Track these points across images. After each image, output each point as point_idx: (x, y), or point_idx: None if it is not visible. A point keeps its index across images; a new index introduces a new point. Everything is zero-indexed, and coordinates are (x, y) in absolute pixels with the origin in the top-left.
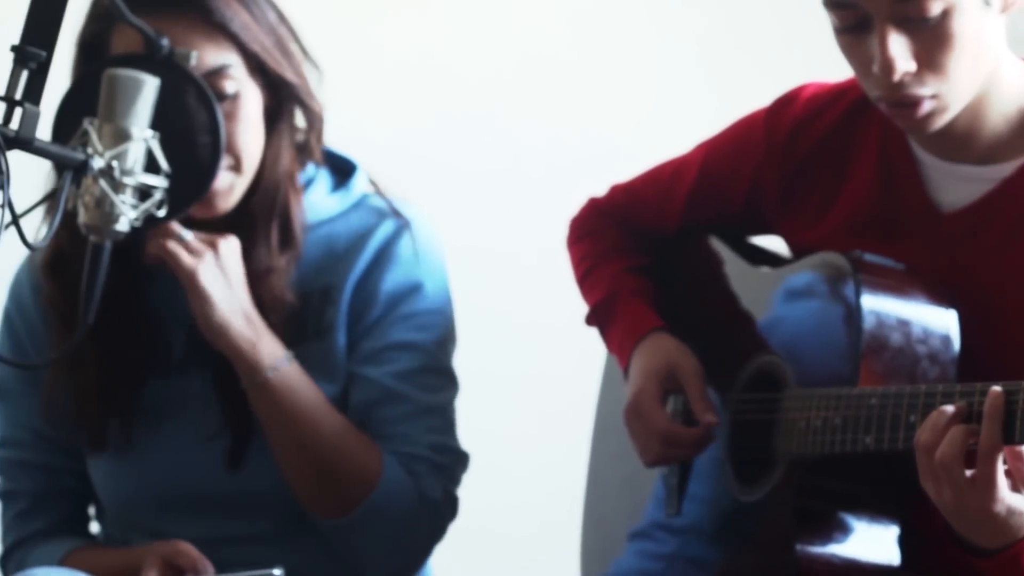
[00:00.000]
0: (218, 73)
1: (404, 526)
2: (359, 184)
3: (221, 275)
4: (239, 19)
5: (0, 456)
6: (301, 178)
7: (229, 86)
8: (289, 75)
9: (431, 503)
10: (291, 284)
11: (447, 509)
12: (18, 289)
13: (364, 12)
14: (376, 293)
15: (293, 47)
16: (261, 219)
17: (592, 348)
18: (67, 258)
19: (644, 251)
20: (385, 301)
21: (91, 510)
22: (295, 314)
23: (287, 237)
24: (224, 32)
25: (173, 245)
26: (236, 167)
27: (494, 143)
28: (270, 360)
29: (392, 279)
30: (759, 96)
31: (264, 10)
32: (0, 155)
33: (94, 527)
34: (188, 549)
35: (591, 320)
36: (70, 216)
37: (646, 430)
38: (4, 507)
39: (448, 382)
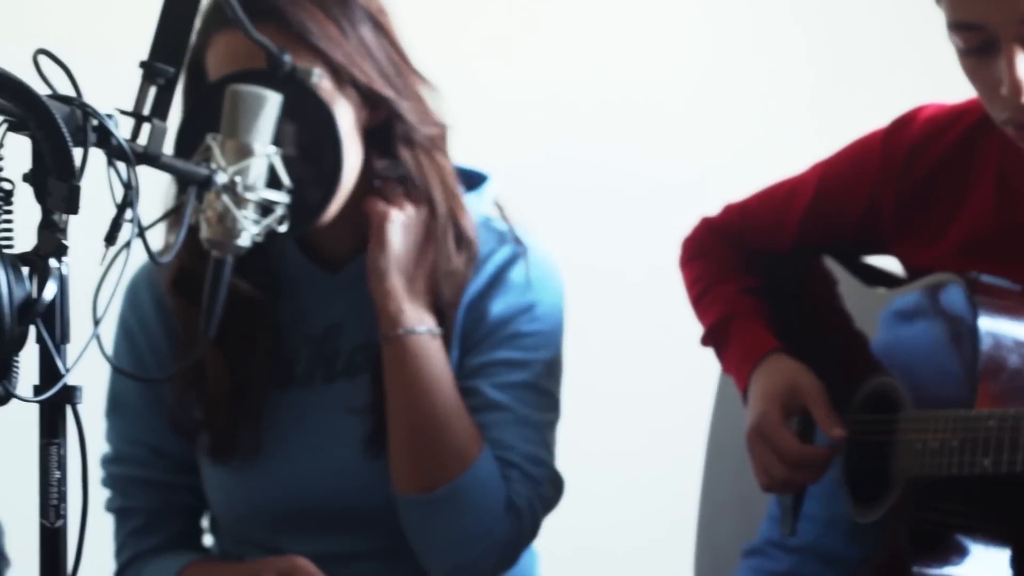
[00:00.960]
0: None
1: (485, 520)
2: (483, 205)
3: (404, 232)
4: (323, 31)
5: (116, 473)
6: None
7: None
8: (385, 90)
9: (516, 509)
10: None
11: (529, 523)
12: (138, 302)
13: (475, 42)
14: (486, 314)
15: (395, 64)
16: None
17: (703, 366)
18: (189, 273)
19: (758, 271)
20: (494, 321)
21: (204, 523)
22: None
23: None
24: (304, 43)
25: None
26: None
27: (604, 162)
28: (411, 322)
29: (503, 301)
30: (870, 116)
31: (356, 24)
32: (130, 171)
33: (207, 540)
34: (305, 565)
35: (707, 341)
36: (191, 231)
37: (772, 453)
38: (119, 524)
39: (550, 403)
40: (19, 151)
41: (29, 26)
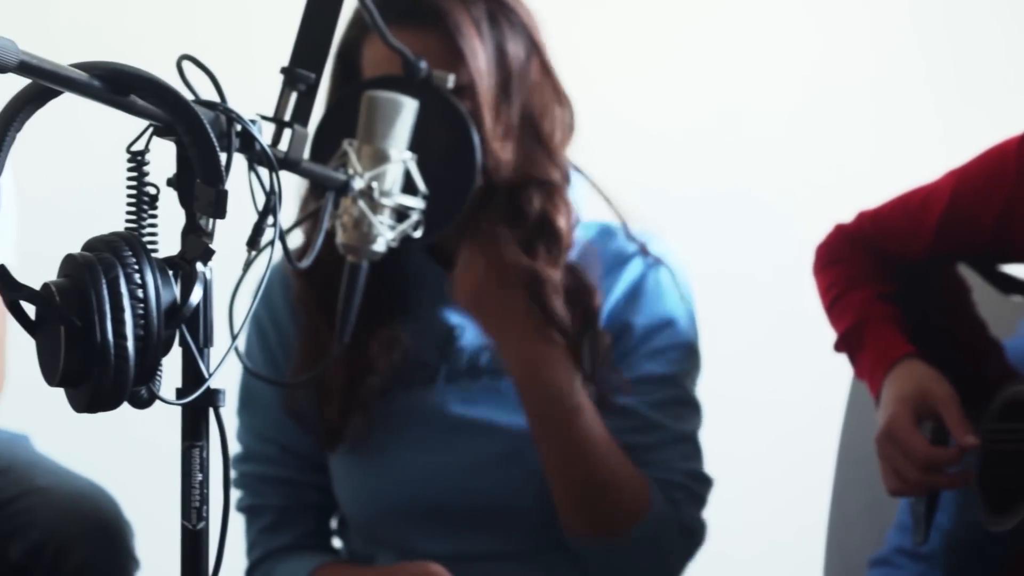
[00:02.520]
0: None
1: (664, 554)
2: (581, 210)
3: None
4: (473, 44)
5: (246, 471)
6: None
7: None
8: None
9: (689, 531)
10: None
11: (700, 536)
12: (271, 300)
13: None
14: (630, 328)
15: (532, 79)
16: None
17: (834, 373)
18: (322, 277)
19: (892, 278)
20: (638, 336)
21: (333, 524)
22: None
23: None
24: (460, 56)
25: None
26: None
27: (732, 167)
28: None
29: (645, 314)
30: (1001, 123)
31: (506, 38)
32: (272, 176)
33: (336, 543)
34: (438, 570)
35: (840, 347)
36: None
37: (902, 456)
38: (249, 522)
39: (695, 411)
40: (162, 156)
41: (172, 31)
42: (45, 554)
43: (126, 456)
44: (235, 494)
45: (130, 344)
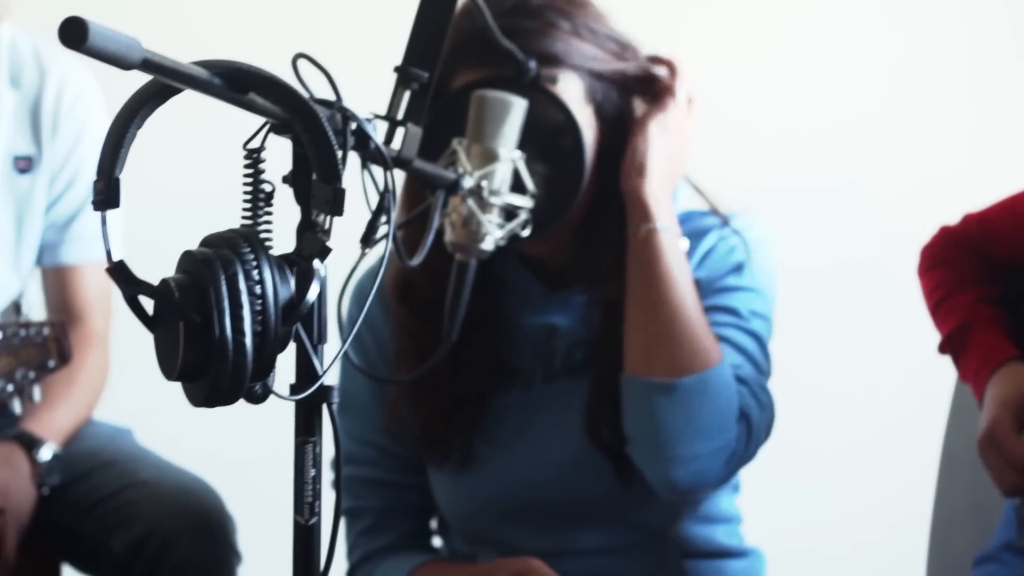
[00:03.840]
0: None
1: (721, 420)
2: (679, 200)
3: (664, 133)
4: (573, 46)
5: (345, 473)
6: None
7: None
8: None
9: (747, 420)
10: None
11: (755, 440)
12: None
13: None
14: (698, 281)
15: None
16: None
17: (931, 373)
18: (420, 278)
19: (997, 280)
20: (705, 282)
21: (433, 524)
22: None
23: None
24: (558, 62)
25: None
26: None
27: (835, 165)
28: (668, 219)
29: (712, 267)
30: None
31: (593, 35)
32: (386, 175)
33: (436, 542)
34: (539, 565)
35: (944, 349)
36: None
37: (1002, 458)
38: (349, 524)
39: (763, 351)
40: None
41: (285, 30)
42: (148, 547)
43: (226, 451)
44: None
45: (248, 340)
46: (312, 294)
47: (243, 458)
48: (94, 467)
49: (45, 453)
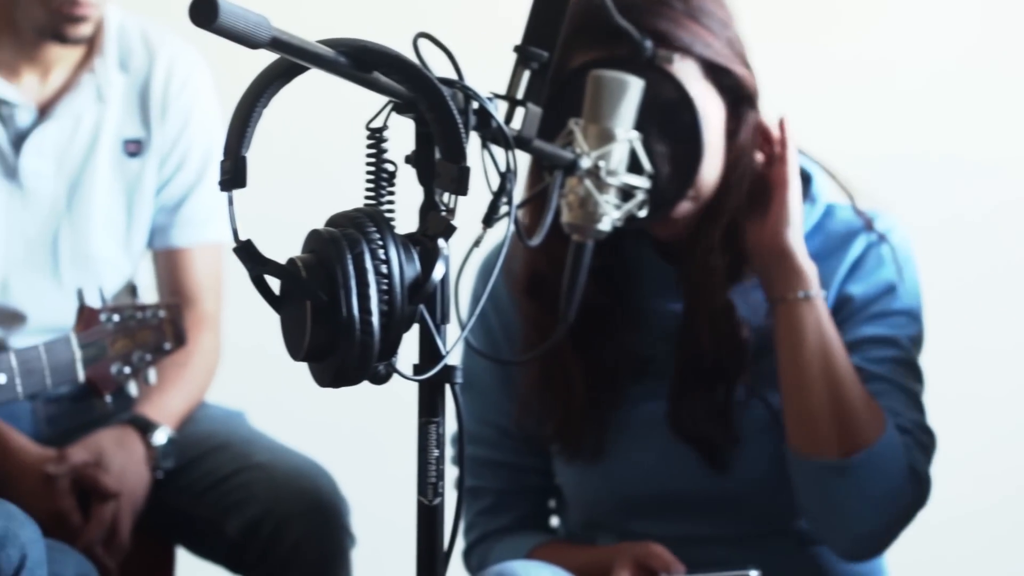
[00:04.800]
0: None
1: (891, 488)
2: (823, 193)
3: (799, 202)
4: (689, 31)
5: (466, 453)
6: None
7: None
8: (747, 79)
9: (916, 476)
10: None
11: (926, 487)
12: (492, 286)
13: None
14: (850, 299)
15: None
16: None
17: None
18: (544, 267)
19: None
20: (858, 303)
21: (552, 504)
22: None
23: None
24: (674, 46)
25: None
26: (695, 196)
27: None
28: (815, 285)
29: (865, 284)
30: None
31: (712, 17)
32: (508, 154)
33: (554, 521)
34: (661, 551)
35: None
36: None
37: None
38: (468, 503)
39: (919, 377)
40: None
41: (403, 9)
42: (262, 530)
43: (338, 432)
44: (454, 474)
45: (375, 319)
46: (438, 273)
47: (355, 440)
48: (208, 450)
49: (160, 437)
